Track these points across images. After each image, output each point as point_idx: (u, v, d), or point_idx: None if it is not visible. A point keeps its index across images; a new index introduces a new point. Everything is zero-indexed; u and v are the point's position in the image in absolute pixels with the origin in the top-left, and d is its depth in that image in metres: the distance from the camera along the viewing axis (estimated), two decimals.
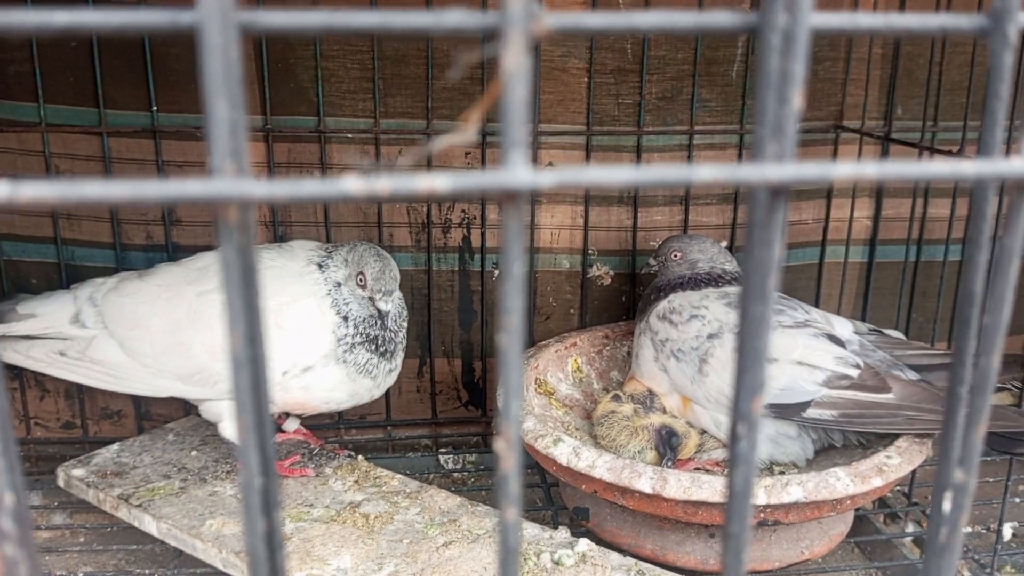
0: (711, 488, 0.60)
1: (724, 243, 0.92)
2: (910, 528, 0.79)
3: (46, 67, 0.79)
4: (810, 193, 0.92)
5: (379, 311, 0.72)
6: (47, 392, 0.87)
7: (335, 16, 0.17)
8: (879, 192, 0.91)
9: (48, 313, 0.76)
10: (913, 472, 0.80)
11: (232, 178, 0.17)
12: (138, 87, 0.80)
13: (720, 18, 0.17)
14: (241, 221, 0.17)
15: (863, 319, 0.93)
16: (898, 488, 0.82)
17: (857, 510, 0.79)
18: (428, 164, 0.84)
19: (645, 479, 0.61)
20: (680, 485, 0.61)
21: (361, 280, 0.72)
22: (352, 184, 0.17)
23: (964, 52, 0.88)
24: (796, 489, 0.60)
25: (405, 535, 0.67)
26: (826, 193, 0.92)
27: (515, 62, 0.16)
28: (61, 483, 0.76)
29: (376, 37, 0.81)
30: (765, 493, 0.60)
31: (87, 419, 0.88)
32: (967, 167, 0.17)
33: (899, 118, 0.88)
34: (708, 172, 0.18)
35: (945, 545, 0.21)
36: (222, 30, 0.16)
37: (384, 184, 0.17)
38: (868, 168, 0.19)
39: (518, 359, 0.19)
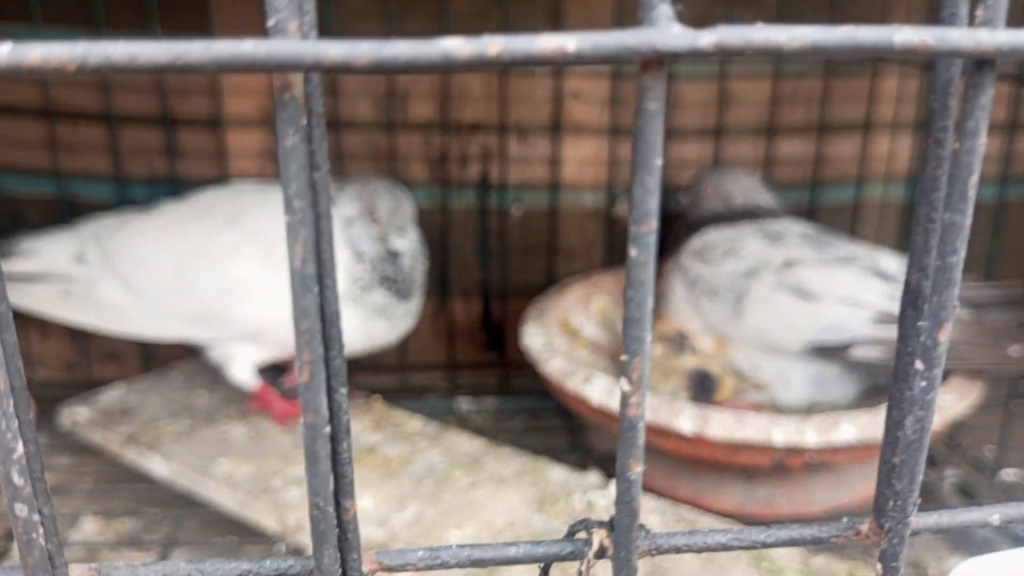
0: (756, 428, 0.56)
1: (757, 176, 0.87)
2: (951, 472, 0.76)
3: None
4: (849, 126, 0.87)
5: (393, 249, 0.68)
6: (50, 332, 0.83)
7: None
8: (928, 124, 0.86)
9: (51, 251, 0.72)
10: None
11: (298, 39, 0.13)
12: (136, 5, 0.75)
13: None
14: (307, 100, 0.13)
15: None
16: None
17: None
18: (444, 93, 0.79)
19: (685, 417, 0.58)
20: (723, 425, 0.57)
21: (374, 215, 0.68)
22: (455, 44, 0.13)
23: None
24: (848, 428, 0.56)
25: (427, 476, 0.64)
26: (864, 126, 0.87)
27: None
28: (66, 423, 0.73)
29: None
30: (815, 432, 0.56)
31: (91, 359, 0.84)
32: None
33: None
34: (909, 34, 0.13)
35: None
36: None
37: (495, 46, 0.13)
38: None
39: (651, 278, 0.15)
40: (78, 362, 0.84)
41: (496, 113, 0.82)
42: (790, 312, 0.68)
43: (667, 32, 0.13)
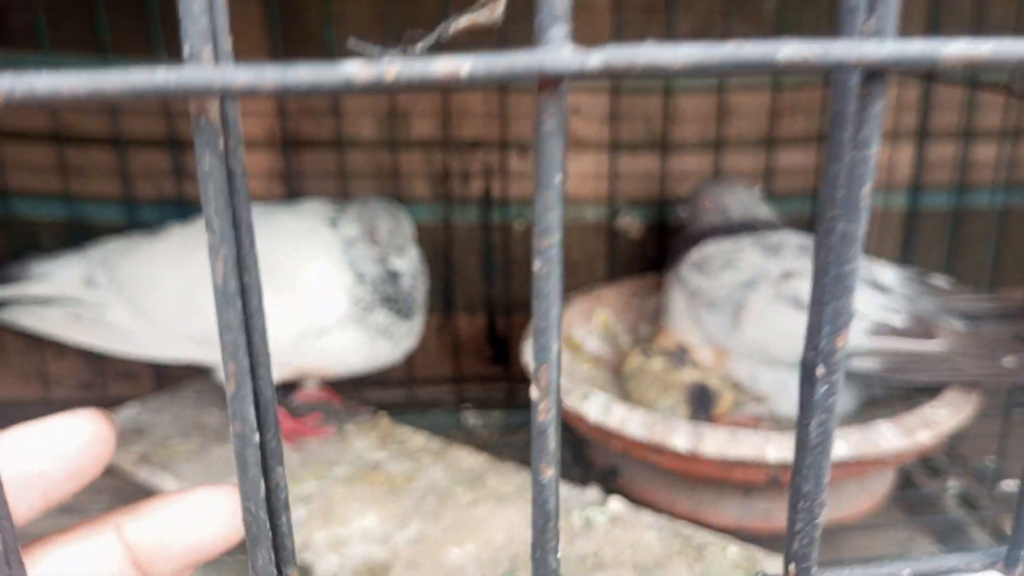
0: (750, 444, 0.57)
1: (758, 187, 0.88)
2: (952, 483, 0.76)
3: (48, 15, 0.76)
4: None
5: (393, 269, 0.69)
6: (65, 352, 0.85)
7: None
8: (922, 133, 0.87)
9: (61, 274, 0.73)
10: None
11: (210, 65, 0.14)
12: (141, 33, 0.77)
13: None
14: (223, 118, 0.14)
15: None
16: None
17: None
18: (445, 110, 0.81)
19: (680, 435, 0.58)
20: (717, 442, 0.58)
21: (375, 236, 0.70)
22: (355, 69, 0.14)
23: None
24: (840, 444, 0.57)
25: (430, 494, 0.65)
26: None
27: None
28: None
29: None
30: None
31: (106, 378, 0.86)
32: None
33: None
34: (792, 49, 0.14)
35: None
36: None
37: (393, 69, 0.14)
38: (982, 46, 0.16)
39: (557, 288, 0.16)
40: (93, 381, 0.86)
41: (497, 130, 0.83)
42: (787, 323, 0.69)
43: (557, 54, 0.13)
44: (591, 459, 0.75)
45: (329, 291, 0.70)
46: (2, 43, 0.77)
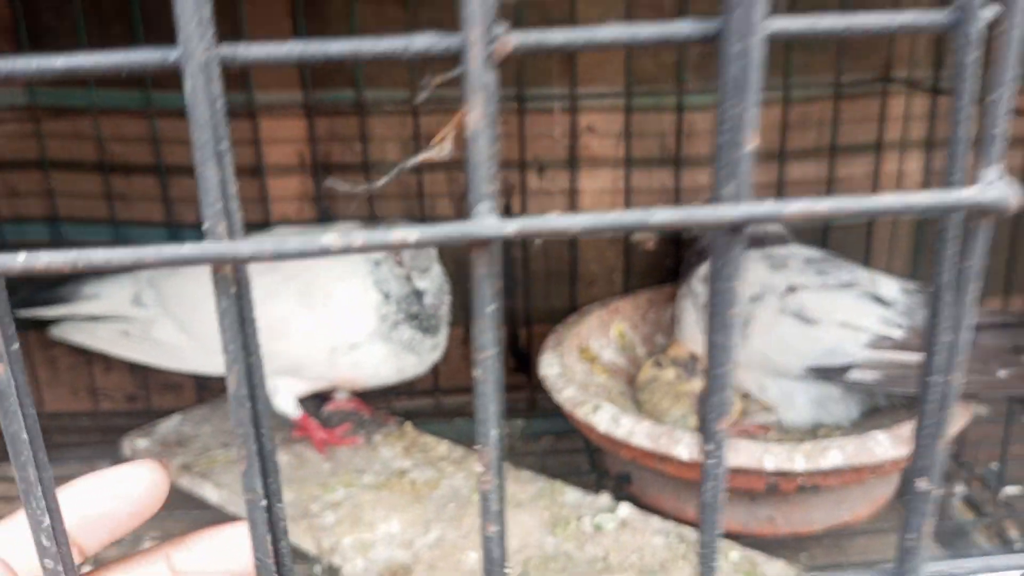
0: (749, 454, 0.60)
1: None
2: (958, 489, 0.78)
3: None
4: (860, 147, 0.90)
5: (417, 288, 0.74)
6: (113, 366, 0.91)
7: (309, 47, 0.17)
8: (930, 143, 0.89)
9: (110, 294, 0.79)
10: (962, 433, 0.79)
11: (224, 240, 0.18)
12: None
13: (681, 28, 0.18)
14: (235, 277, 0.18)
15: (915, 279, 0.91)
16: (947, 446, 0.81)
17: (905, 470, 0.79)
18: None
19: (683, 446, 0.62)
20: None
21: (399, 257, 0.74)
22: (330, 239, 0.18)
23: None
24: (836, 453, 0.60)
25: (451, 500, 0.69)
26: (875, 146, 0.90)
27: (478, 116, 0.16)
28: (127, 453, 0.80)
29: (413, 8, 0.81)
30: (804, 458, 0.60)
31: (150, 391, 0.92)
32: (920, 198, 0.17)
33: (946, 65, 0.85)
34: (664, 215, 0.18)
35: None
36: (204, 67, 0.16)
37: (359, 238, 0.18)
38: (820, 204, 0.19)
39: (495, 393, 0.19)
40: (139, 393, 0.92)
41: (516, 149, 0.87)
42: (792, 336, 0.72)
43: (483, 223, 0.17)
44: (606, 466, 0.79)
45: (359, 309, 0.74)
46: (51, 81, 0.82)
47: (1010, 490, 0.74)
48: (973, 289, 0.19)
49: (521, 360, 0.94)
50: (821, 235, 0.92)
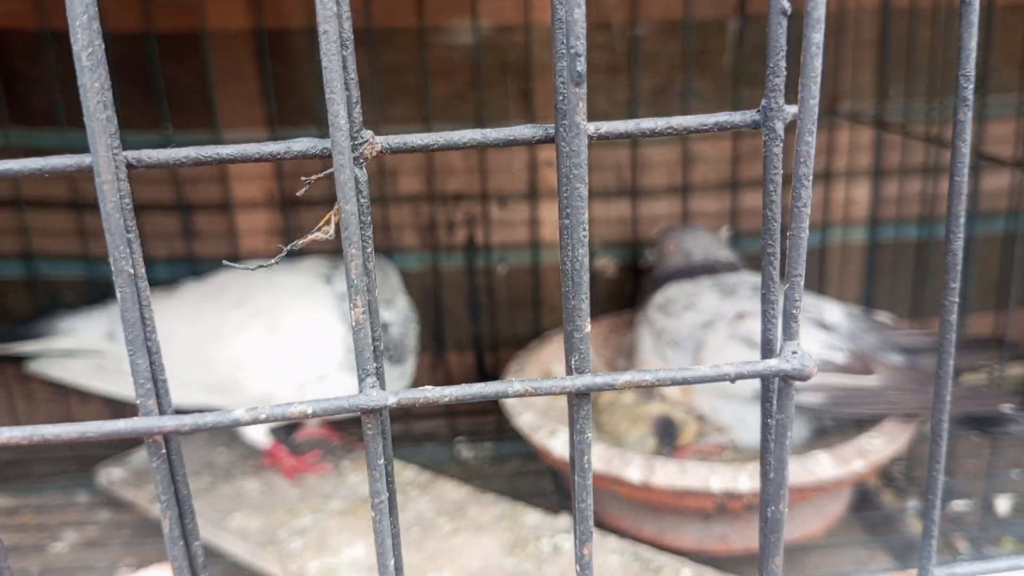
0: (696, 476, 0.63)
1: (725, 227, 0.94)
2: (911, 503, 0.81)
3: (65, 97, 0.84)
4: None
5: (382, 321, 0.76)
6: (89, 397, 0.93)
7: (202, 150, 0.20)
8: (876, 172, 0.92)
9: (85, 330, 0.81)
10: (912, 450, 0.82)
11: (155, 415, 0.21)
12: (151, 109, 0.85)
13: (524, 131, 0.21)
14: (166, 445, 0.21)
15: (867, 301, 0.95)
16: (899, 463, 0.84)
17: (861, 486, 0.82)
18: (429, 168, 0.88)
19: (634, 468, 0.64)
20: (667, 474, 0.64)
21: None
22: (240, 414, 0.20)
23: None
24: None
25: (415, 524, 0.72)
26: (824, 175, 0.93)
27: (355, 273, 0.19)
28: (103, 482, 0.82)
29: (370, 50, 0.84)
30: (748, 478, 0.63)
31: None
32: (734, 368, 0.20)
33: (891, 99, 0.89)
34: (520, 386, 0.21)
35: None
36: (112, 173, 0.19)
37: (265, 411, 0.20)
38: (647, 376, 0.22)
39: (389, 542, 0.22)
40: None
41: (478, 183, 0.90)
42: (741, 361, 0.75)
43: (369, 396, 0.20)
44: (567, 488, 0.81)
45: (325, 342, 0.77)
46: (24, 122, 0.85)
47: (957, 504, 0.77)
48: (788, 436, 0.22)
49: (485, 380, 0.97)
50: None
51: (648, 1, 0.86)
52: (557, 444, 0.69)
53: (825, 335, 0.73)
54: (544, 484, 0.86)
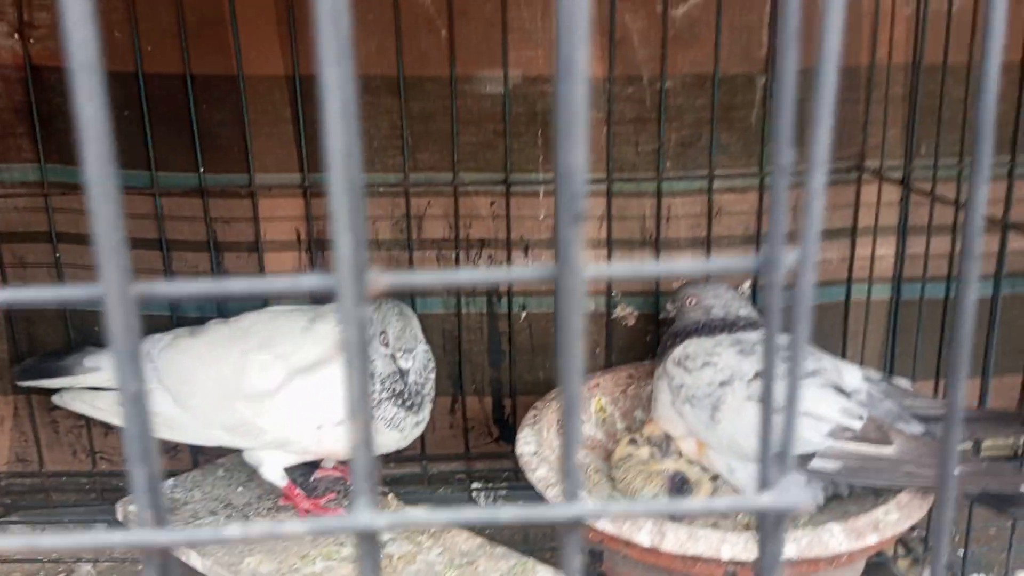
0: (706, 543, 0.63)
1: (747, 282, 0.94)
2: (927, 574, 0.80)
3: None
4: (835, 232, 0.93)
5: (400, 368, 0.77)
6: (112, 429, 0.94)
7: (217, 284, 0.21)
8: (903, 230, 0.91)
9: (110, 367, 0.82)
10: (929, 517, 0.81)
11: (150, 528, 0.21)
12: (186, 151, 0.87)
13: (525, 272, 0.21)
14: (160, 560, 0.22)
15: (890, 358, 0.94)
16: (917, 531, 0.83)
17: (878, 554, 0.81)
18: (455, 213, 0.89)
19: (644, 533, 0.64)
20: (677, 540, 0.63)
21: (384, 339, 0.77)
22: (233, 531, 0.21)
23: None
24: (789, 546, 0.62)
25: None
26: (851, 232, 0.93)
27: (357, 431, 0.20)
28: (120, 517, 0.83)
29: (401, 97, 0.86)
30: (758, 547, 0.62)
31: None
32: (728, 503, 0.21)
33: (921, 156, 0.88)
34: (510, 513, 0.21)
35: None
36: (122, 308, 0.20)
37: (257, 529, 0.21)
38: (636, 507, 0.22)
39: None
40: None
41: (503, 230, 0.91)
42: (756, 421, 0.74)
43: (363, 519, 0.21)
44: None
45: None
46: (62, 159, 0.87)
47: None
48: (779, 569, 0.22)
49: (505, 430, 0.97)
50: None
51: (678, 55, 0.87)
52: None
53: (843, 400, 0.73)
54: (558, 535, 0.85)
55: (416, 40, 0.85)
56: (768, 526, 0.23)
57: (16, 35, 0.84)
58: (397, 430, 0.79)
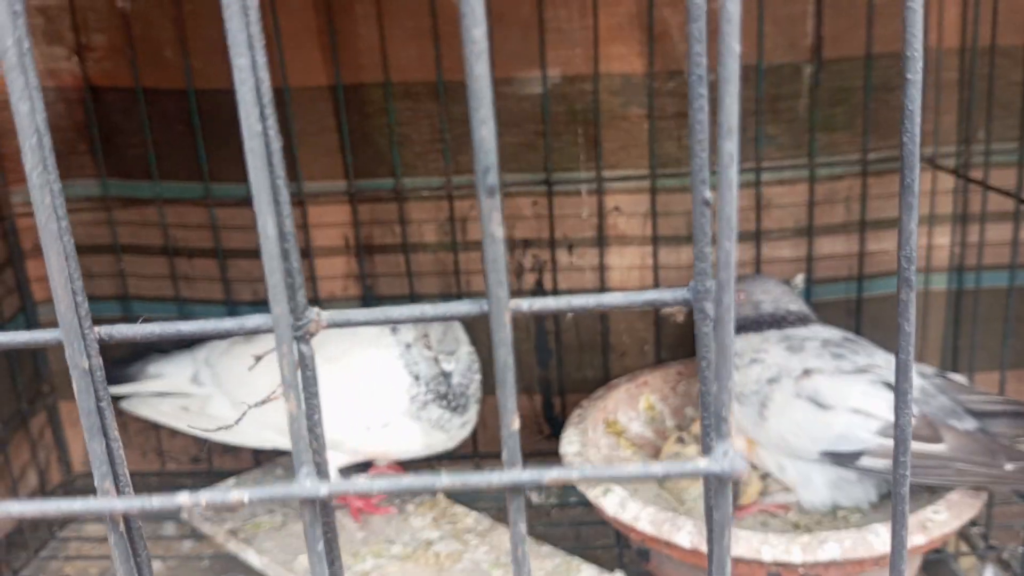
0: (748, 545, 0.62)
1: (801, 275, 0.92)
2: (989, 573, 0.77)
3: (158, 150, 0.89)
4: (891, 222, 0.90)
5: (444, 370, 0.78)
6: (177, 431, 0.98)
7: (167, 326, 0.22)
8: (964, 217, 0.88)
9: (172, 373, 0.86)
10: (989, 514, 0.79)
11: (112, 495, 0.23)
12: (237, 162, 0.89)
13: (459, 307, 0.21)
14: (124, 524, 0.23)
15: (954, 349, 0.91)
16: (976, 528, 0.80)
17: (936, 551, 0.78)
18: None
19: (684, 534, 0.64)
20: None
21: (426, 342, 0.78)
22: (183, 498, 0.22)
23: None
24: (833, 546, 0.61)
25: (471, 574, 0.73)
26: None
27: (292, 404, 0.21)
28: (184, 516, 0.87)
29: (441, 102, 0.87)
30: (801, 550, 0.61)
31: (212, 453, 0.99)
32: (667, 467, 0.21)
33: (978, 141, 0.85)
34: (448, 480, 0.22)
35: None
36: (79, 346, 0.21)
37: (205, 497, 0.22)
38: (573, 473, 0.22)
39: None
40: (201, 456, 0.99)
41: (546, 229, 0.91)
42: (806, 420, 0.73)
43: (304, 486, 0.21)
44: (628, 540, 0.81)
45: (391, 391, 0.79)
46: (121, 174, 0.91)
47: None
48: (727, 534, 0.22)
49: (555, 427, 0.97)
50: (856, 307, 0.92)
51: (720, 48, 0.85)
52: (610, 503, 0.69)
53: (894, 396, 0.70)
54: (608, 534, 0.85)
55: (454, 45, 0.85)
56: (711, 490, 0.23)
57: (76, 56, 0.88)
58: (443, 431, 0.80)
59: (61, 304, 0.20)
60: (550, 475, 0.21)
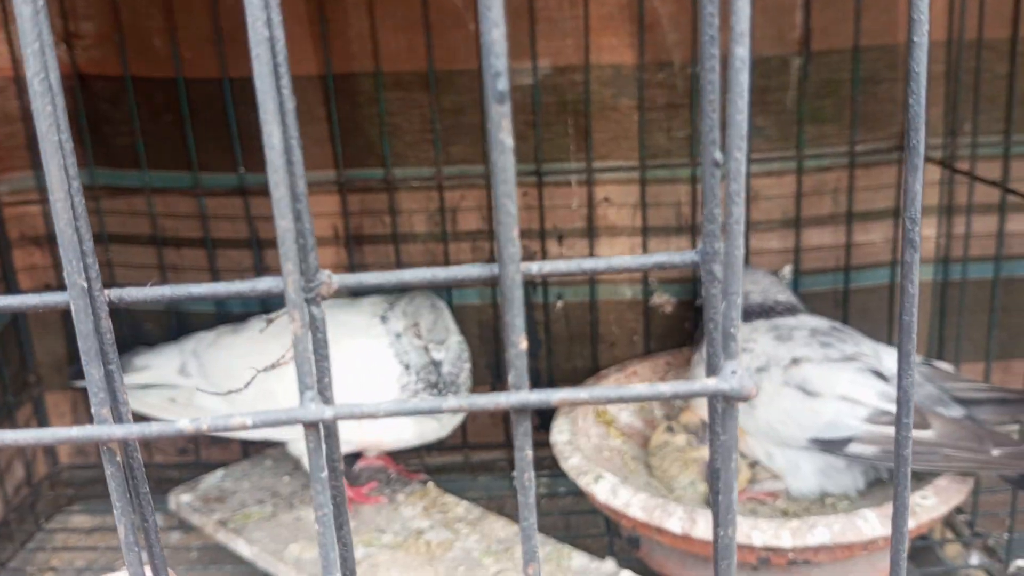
0: (738, 529, 0.62)
1: (789, 266, 0.92)
2: (975, 559, 0.78)
3: (146, 139, 0.89)
4: (878, 214, 0.91)
5: (434, 359, 0.78)
6: None
7: (178, 288, 0.22)
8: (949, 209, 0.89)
9: (159, 365, 0.86)
10: (975, 501, 0.80)
11: (106, 424, 0.23)
12: (227, 152, 0.89)
13: (469, 270, 0.22)
14: (122, 455, 0.23)
15: (939, 340, 0.92)
16: (962, 516, 0.81)
17: (922, 537, 0.79)
18: (489, 205, 0.89)
19: (675, 519, 0.64)
20: (708, 527, 0.63)
21: (416, 331, 0.78)
22: (184, 424, 0.22)
23: None
24: (822, 531, 0.61)
25: (462, 563, 0.73)
26: (893, 212, 0.91)
27: (298, 326, 0.21)
28: (172, 507, 0.87)
29: (432, 92, 0.87)
30: (790, 535, 0.62)
31: (199, 445, 0.98)
32: (675, 387, 0.21)
33: (965, 134, 0.86)
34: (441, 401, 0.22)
35: None
36: (87, 310, 0.21)
37: (206, 423, 0.22)
38: (581, 394, 0.22)
39: (333, 555, 0.23)
40: (189, 447, 0.99)
41: (536, 220, 0.91)
42: (794, 408, 0.74)
43: (307, 410, 0.21)
44: (618, 528, 0.81)
45: (380, 380, 0.79)
46: (109, 163, 0.91)
47: (1020, 563, 0.74)
48: (734, 457, 0.22)
49: (545, 418, 0.98)
50: (843, 298, 0.93)
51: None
52: (601, 489, 0.69)
53: (882, 384, 0.71)
54: (598, 523, 0.86)
55: (445, 35, 0.85)
56: (717, 412, 0.23)
57: (64, 44, 0.87)
58: (434, 419, 0.81)
59: (69, 257, 0.20)
60: (558, 395, 0.21)
